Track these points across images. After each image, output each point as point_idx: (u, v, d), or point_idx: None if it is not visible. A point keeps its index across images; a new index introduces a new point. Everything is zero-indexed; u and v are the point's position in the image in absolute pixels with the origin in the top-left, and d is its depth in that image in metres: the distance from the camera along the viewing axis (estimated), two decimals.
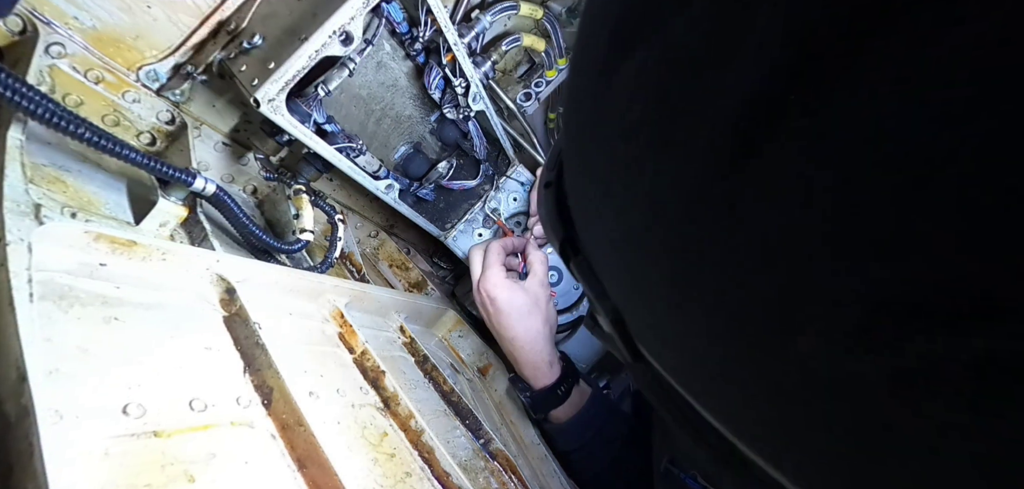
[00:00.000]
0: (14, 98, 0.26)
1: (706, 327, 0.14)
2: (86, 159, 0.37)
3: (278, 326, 0.35)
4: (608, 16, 0.15)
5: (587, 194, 0.18)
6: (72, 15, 0.36)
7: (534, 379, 0.62)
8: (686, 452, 0.52)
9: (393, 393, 0.41)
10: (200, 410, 0.27)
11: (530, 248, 0.65)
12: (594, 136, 0.16)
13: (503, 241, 0.64)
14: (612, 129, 0.15)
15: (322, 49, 0.39)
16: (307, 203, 0.48)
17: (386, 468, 0.35)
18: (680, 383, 0.17)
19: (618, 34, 0.15)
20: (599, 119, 0.16)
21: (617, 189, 0.15)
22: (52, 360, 0.22)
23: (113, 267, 0.28)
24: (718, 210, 0.12)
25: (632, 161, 0.15)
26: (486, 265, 0.61)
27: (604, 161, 0.16)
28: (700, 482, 0.48)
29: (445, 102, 0.58)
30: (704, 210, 0.13)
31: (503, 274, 0.61)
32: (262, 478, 0.27)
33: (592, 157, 0.17)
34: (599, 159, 0.16)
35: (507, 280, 0.61)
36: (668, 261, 0.14)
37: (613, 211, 0.16)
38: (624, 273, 0.17)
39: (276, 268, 0.38)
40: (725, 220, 0.12)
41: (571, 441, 0.63)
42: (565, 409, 0.63)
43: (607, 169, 0.16)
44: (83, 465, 0.20)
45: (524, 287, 0.61)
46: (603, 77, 0.15)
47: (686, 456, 0.52)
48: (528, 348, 0.61)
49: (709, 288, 0.13)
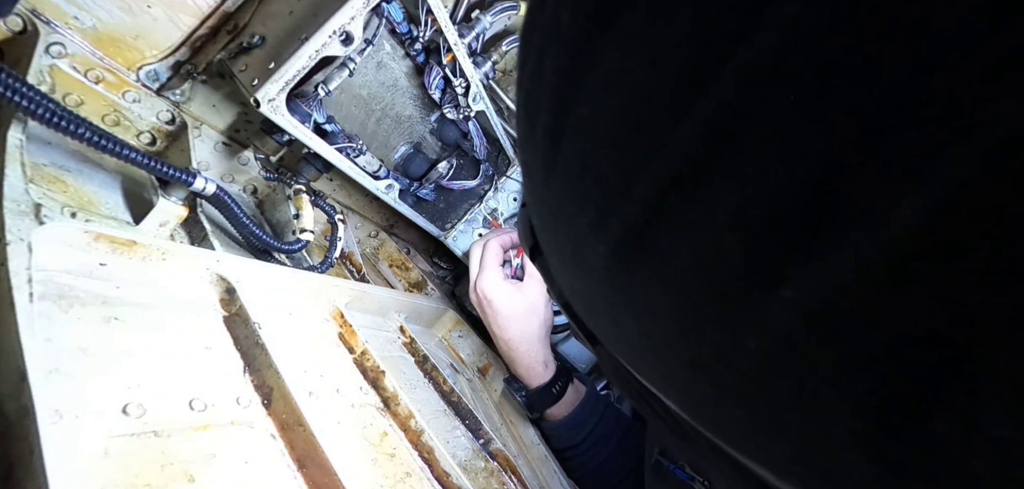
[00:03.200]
0: (14, 98, 0.26)
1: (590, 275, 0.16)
2: (86, 159, 0.37)
3: (278, 326, 0.35)
4: None
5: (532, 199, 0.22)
6: (72, 15, 0.36)
7: (529, 378, 0.63)
8: (674, 441, 0.52)
9: (393, 393, 0.41)
10: (200, 410, 0.27)
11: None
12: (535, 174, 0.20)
13: (501, 239, 0.63)
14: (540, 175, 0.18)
15: (322, 49, 0.39)
16: (307, 203, 0.48)
17: (386, 468, 0.35)
18: (617, 353, 0.19)
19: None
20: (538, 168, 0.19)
21: (533, 187, 0.19)
22: (52, 360, 0.22)
23: (113, 267, 0.28)
24: (556, 178, 0.16)
25: (534, 162, 0.18)
26: (483, 265, 0.61)
27: (529, 165, 0.19)
28: (687, 471, 0.49)
29: (445, 102, 0.58)
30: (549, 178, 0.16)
31: (501, 275, 0.61)
32: (262, 478, 0.27)
33: (528, 168, 0.20)
34: (528, 168, 0.20)
35: (505, 282, 0.61)
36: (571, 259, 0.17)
37: (536, 206, 0.20)
38: (560, 260, 0.19)
39: (276, 268, 0.38)
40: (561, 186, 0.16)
41: (567, 438, 0.64)
42: (560, 407, 0.64)
43: (529, 174, 0.20)
44: (83, 465, 0.20)
45: (521, 289, 0.62)
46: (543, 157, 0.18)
47: (674, 445, 0.52)
48: (523, 349, 0.62)
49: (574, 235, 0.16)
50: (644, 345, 0.16)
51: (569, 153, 0.15)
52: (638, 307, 0.15)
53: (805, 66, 0.10)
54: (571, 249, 0.17)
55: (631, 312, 0.15)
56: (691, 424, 0.17)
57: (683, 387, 0.15)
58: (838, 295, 0.10)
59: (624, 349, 0.18)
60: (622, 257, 0.14)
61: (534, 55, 0.17)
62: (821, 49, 0.09)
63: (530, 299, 0.62)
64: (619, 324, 0.16)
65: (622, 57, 0.13)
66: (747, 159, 0.11)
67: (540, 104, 0.16)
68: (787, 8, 0.10)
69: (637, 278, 0.14)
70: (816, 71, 0.09)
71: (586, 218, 0.15)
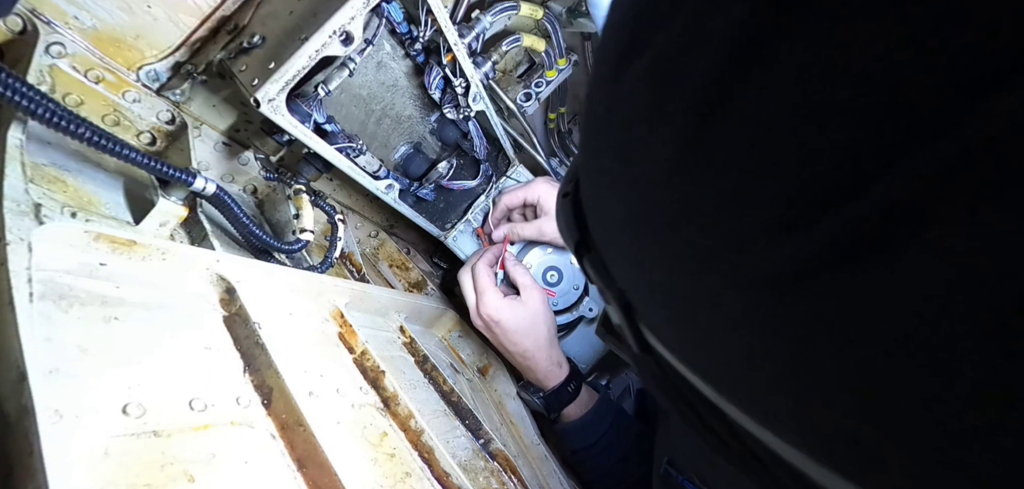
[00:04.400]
0: (14, 98, 0.26)
1: (700, 288, 0.14)
2: (86, 159, 0.37)
3: (278, 326, 0.35)
4: (619, 30, 0.17)
5: (595, 187, 0.19)
6: (72, 15, 0.36)
7: (546, 381, 0.65)
8: (685, 452, 0.52)
9: (393, 393, 0.41)
10: (200, 410, 0.27)
11: (509, 265, 0.66)
12: (604, 129, 0.18)
13: (486, 259, 0.64)
14: (617, 121, 0.17)
15: (322, 49, 0.39)
16: (307, 203, 0.48)
17: (386, 468, 0.35)
18: (684, 362, 0.18)
19: (624, 44, 0.16)
20: (608, 114, 0.17)
21: (619, 171, 0.17)
22: (52, 360, 0.22)
23: (113, 267, 0.28)
24: (700, 163, 0.13)
25: (631, 142, 0.16)
26: (481, 290, 0.62)
27: (610, 150, 0.17)
28: (696, 483, 0.49)
29: (445, 102, 0.58)
30: (685, 166, 0.14)
31: (500, 293, 0.62)
32: (262, 478, 0.27)
33: (601, 150, 0.18)
34: (606, 151, 0.18)
35: (506, 299, 0.62)
36: (662, 230, 0.15)
37: (615, 195, 0.17)
38: (627, 254, 0.18)
39: (276, 268, 0.38)
40: (705, 171, 0.13)
41: (583, 438, 0.66)
42: (575, 408, 0.66)
43: (611, 156, 0.17)
44: (83, 465, 0.20)
45: (524, 301, 0.63)
46: (612, 81, 0.17)
47: (685, 456, 0.52)
48: (541, 356, 0.63)
49: (696, 247, 0.14)
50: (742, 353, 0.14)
51: (722, 146, 0.12)
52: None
53: None
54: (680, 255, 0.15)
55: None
56: (740, 425, 0.16)
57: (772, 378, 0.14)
58: None
59: (679, 331, 0.17)
60: (777, 293, 0.12)
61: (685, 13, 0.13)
62: None
63: (534, 307, 0.63)
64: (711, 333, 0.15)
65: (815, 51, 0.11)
66: None
67: (687, 70, 0.13)
68: None
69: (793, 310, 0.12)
70: None
71: (741, 226, 0.12)
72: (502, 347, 0.64)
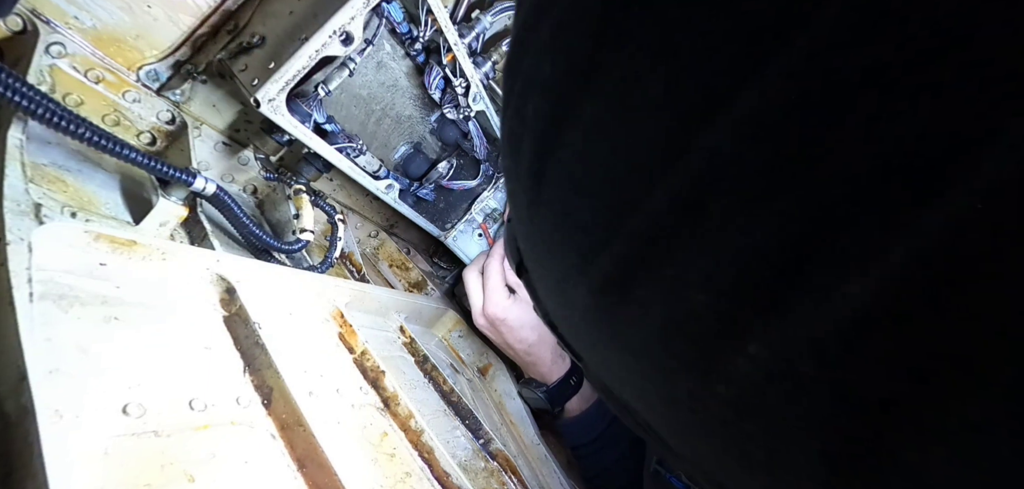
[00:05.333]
0: (14, 98, 0.26)
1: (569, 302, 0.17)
2: (86, 159, 0.37)
3: (278, 326, 0.35)
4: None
5: (516, 216, 0.23)
6: (72, 15, 0.36)
7: (549, 375, 0.66)
8: None
9: (393, 393, 0.41)
10: (200, 410, 0.27)
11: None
12: (507, 157, 0.21)
13: (495, 257, 0.64)
14: (508, 149, 0.20)
15: (322, 49, 0.39)
16: (307, 203, 0.48)
17: (386, 468, 0.35)
18: (603, 378, 0.21)
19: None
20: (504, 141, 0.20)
21: (519, 203, 0.20)
22: (52, 360, 0.22)
23: (113, 267, 0.28)
24: (541, 206, 0.17)
25: (516, 173, 0.19)
26: (489, 290, 0.63)
27: (513, 182, 0.21)
28: (683, 481, 0.50)
29: (445, 102, 0.58)
30: (533, 210, 0.18)
31: (506, 293, 0.63)
32: (262, 478, 0.27)
33: (516, 203, 0.21)
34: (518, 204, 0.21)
35: (510, 299, 0.63)
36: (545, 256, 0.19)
37: (520, 227, 0.21)
38: (545, 287, 0.21)
39: (276, 268, 0.38)
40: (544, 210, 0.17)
41: (584, 433, 0.67)
42: (577, 402, 0.67)
43: (512, 190, 0.21)
44: (83, 465, 0.20)
45: (526, 298, 0.63)
46: (503, 112, 0.20)
47: None
48: (544, 350, 0.64)
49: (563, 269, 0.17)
50: (624, 375, 0.17)
51: (551, 196, 0.16)
52: (618, 343, 0.16)
53: (763, 155, 0.11)
54: (555, 283, 0.18)
55: (612, 346, 0.16)
56: (669, 444, 0.18)
57: (661, 415, 0.16)
58: (797, 358, 0.11)
59: (606, 373, 0.19)
60: (602, 301, 0.15)
61: (517, 96, 0.17)
62: (778, 141, 0.10)
63: None
64: (601, 353, 0.18)
65: (599, 116, 0.14)
66: (714, 229, 0.12)
67: (523, 144, 0.17)
68: (740, 103, 0.11)
69: (616, 320, 0.15)
70: (771, 161, 0.11)
71: (568, 259, 0.16)
72: (507, 345, 0.64)
